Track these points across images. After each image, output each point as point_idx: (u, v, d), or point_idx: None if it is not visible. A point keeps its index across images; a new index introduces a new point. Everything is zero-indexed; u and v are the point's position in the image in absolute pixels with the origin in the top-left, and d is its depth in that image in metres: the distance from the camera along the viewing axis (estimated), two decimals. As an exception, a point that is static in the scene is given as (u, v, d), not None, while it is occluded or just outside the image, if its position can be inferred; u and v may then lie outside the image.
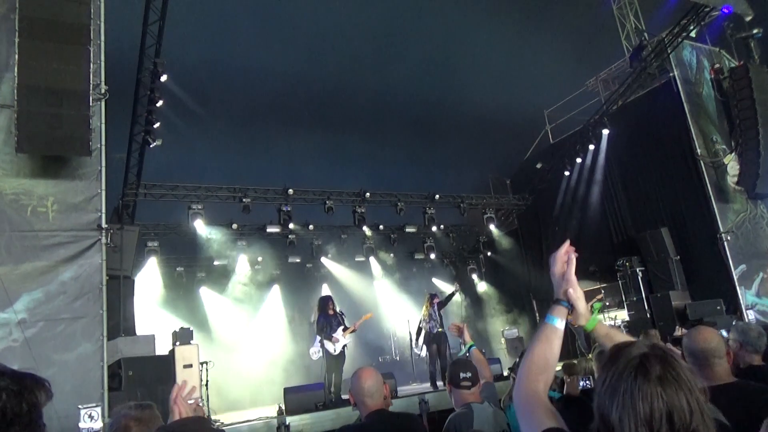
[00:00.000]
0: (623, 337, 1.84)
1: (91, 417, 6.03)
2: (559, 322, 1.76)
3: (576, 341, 12.26)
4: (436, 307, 10.95)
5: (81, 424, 5.97)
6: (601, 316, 11.37)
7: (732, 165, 12.69)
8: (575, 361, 5.08)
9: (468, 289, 18.66)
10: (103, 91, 7.63)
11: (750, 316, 11.52)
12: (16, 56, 6.75)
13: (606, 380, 1.30)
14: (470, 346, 4.18)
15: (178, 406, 2.31)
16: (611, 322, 13.58)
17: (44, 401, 1.33)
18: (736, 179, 12.54)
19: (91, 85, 7.15)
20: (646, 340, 1.37)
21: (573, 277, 1.83)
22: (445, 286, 18.27)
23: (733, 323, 4.27)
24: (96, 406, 6.19)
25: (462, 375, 3.42)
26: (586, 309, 1.84)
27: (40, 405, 1.31)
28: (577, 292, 1.82)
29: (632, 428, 1.21)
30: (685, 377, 1.25)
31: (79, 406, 6.15)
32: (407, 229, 16.79)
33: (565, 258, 1.86)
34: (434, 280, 18.59)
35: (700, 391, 1.26)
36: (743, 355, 3.43)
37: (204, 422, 2.06)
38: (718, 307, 11.30)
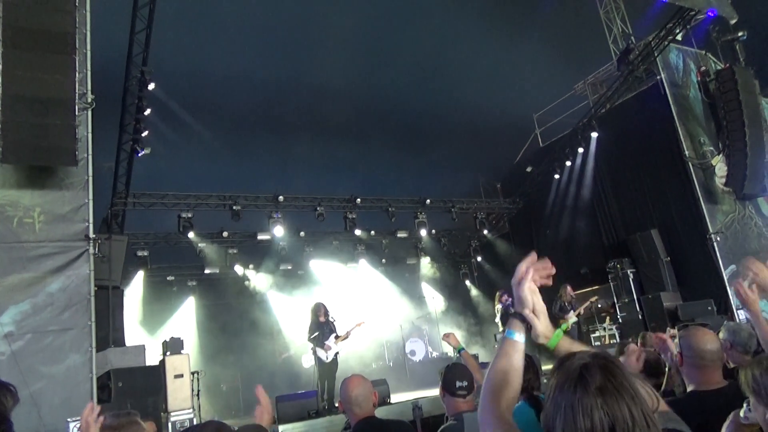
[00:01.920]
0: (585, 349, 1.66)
1: (80, 430, 5.96)
2: (518, 335, 1.72)
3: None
4: (509, 303, 11.17)
5: (70, 437, 5.92)
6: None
7: (720, 166, 12.78)
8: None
9: (460, 293, 18.69)
10: (89, 100, 7.57)
11: (741, 316, 11.55)
12: (0, 66, 6.69)
13: (550, 393, 1.27)
14: (460, 350, 4.17)
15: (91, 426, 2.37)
16: (605, 324, 13.62)
17: (11, 406, 1.31)
18: (724, 180, 12.62)
19: (77, 95, 7.08)
20: (592, 350, 1.33)
21: (527, 294, 1.71)
22: (438, 292, 18.26)
23: (724, 323, 4.28)
24: (85, 418, 6.12)
25: (458, 384, 3.29)
26: (546, 327, 1.72)
27: (6, 410, 1.28)
28: (536, 307, 1.71)
29: None
30: (629, 386, 1.21)
31: (68, 419, 6.10)
32: (398, 235, 16.77)
33: (524, 270, 1.73)
34: (426, 285, 18.56)
35: (650, 398, 1.22)
36: (733, 355, 3.44)
37: (223, 427, 2.08)
38: (709, 308, 11.34)
